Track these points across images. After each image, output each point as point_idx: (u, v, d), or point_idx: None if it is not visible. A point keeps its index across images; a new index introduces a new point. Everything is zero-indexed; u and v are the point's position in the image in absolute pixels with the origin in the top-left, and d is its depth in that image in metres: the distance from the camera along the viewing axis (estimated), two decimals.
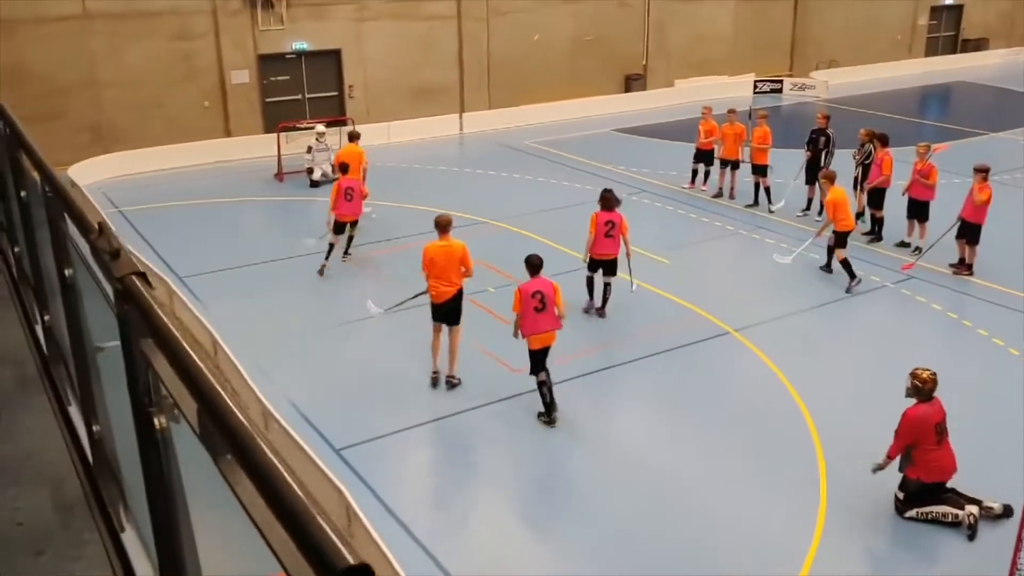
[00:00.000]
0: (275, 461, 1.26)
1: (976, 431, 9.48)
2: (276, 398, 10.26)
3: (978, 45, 38.18)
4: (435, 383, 11.03)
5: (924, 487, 8.30)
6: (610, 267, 12.82)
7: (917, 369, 8.37)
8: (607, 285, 12.95)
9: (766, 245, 16.31)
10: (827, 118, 17.39)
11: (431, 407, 10.71)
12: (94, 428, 3.11)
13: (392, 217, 17.91)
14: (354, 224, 15.20)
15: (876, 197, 16.07)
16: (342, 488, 8.51)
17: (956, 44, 38.31)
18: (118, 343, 2.12)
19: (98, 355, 2.98)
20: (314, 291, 14.47)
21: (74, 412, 3.62)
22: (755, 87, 31.56)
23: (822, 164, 17.23)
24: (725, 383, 11.39)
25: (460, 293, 10.73)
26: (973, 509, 8.14)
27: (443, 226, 10.64)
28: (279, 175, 21.10)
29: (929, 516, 8.32)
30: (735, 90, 30.81)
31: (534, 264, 10.07)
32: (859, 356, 12.12)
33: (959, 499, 8.29)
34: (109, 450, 3.03)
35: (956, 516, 8.18)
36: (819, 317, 13.29)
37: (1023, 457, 9.08)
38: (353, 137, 17.56)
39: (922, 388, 8.22)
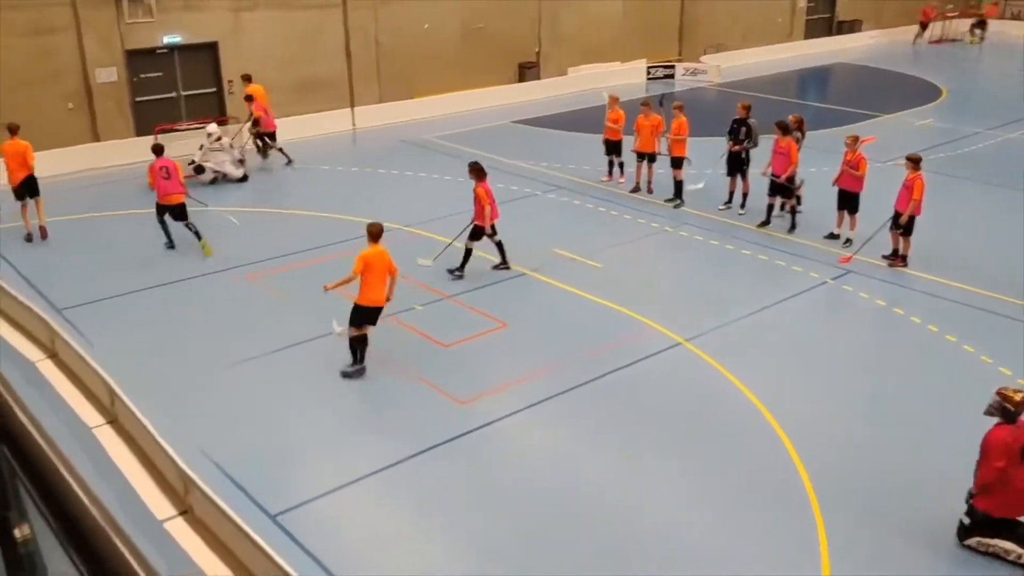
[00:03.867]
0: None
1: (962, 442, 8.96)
2: (195, 457, 8.84)
3: (851, 27, 39.09)
4: (28, 239, 15.71)
5: (991, 519, 7.66)
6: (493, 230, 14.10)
7: (1006, 389, 7.57)
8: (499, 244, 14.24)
9: (695, 243, 15.68)
10: (747, 108, 16.84)
11: (373, 454, 9.45)
12: None
13: (294, 228, 16.49)
14: (272, 135, 20.71)
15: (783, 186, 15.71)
16: (283, 564, 7.27)
17: (831, 26, 39.07)
18: None
19: None
20: (213, 318, 12.90)
21: None
22: (648, 73, 31.18)
23: (744, 156, 16.76)
24: (688, 404, 10.53)
25: (30, 177, 15.55)
26: None
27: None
28: None
29: (990, 549, 7.68)
30: (628, 76, 30.37)
31: (157, 150, 15.15)
32: (819, 360, 11.51)
33: None
34: None
35: (1020, 556, 7.56)
36: (767, 319, 12.62)
37: None
38: None
39: (1011, 410, 7.44)
